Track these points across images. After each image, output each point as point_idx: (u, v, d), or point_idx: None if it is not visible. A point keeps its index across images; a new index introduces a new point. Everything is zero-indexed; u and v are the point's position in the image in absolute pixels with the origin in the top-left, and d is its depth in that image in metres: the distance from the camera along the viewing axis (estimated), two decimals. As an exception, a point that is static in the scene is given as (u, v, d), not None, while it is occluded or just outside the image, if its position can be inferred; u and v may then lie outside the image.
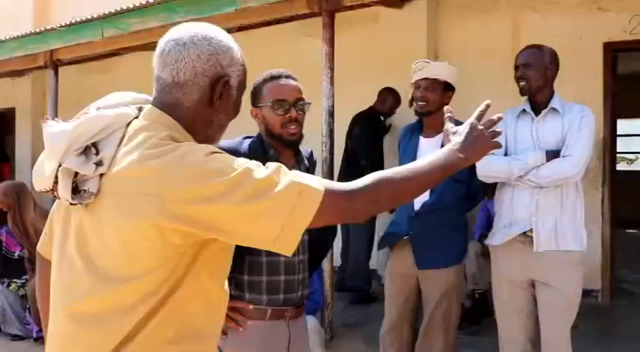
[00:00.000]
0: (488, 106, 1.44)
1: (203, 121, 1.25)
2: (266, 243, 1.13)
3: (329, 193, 1.14)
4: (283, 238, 1.12)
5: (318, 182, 1.15)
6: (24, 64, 6.45)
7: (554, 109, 2.68)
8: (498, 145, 1.40)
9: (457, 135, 1.37)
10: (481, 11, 5.35)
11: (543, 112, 2.71)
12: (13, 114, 9.23)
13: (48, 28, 5.39)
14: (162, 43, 1.24)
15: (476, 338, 4.09)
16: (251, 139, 2.09)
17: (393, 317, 3.12)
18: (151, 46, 5.12)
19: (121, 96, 1.30)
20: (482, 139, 1.36)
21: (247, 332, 1.99)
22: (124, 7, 4.62)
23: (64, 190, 1.14)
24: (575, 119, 2.65)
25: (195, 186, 1.08)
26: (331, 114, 4.01)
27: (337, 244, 4.87)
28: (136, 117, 1.22)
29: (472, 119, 1.38)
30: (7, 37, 6.07)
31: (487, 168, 2.72)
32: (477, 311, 4.23)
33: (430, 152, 2.99)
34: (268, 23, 6.03)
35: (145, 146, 1.13)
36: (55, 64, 5.71)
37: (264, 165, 1.20)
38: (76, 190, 1.14)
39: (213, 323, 1.28)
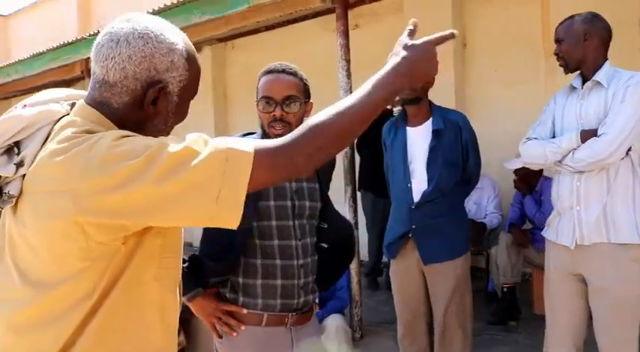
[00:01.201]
0: (414, 24, 1.25)
1: (133, 124, 1.12)
2: (205, 220, 1.03)
3: (260, 152, 1.03)
4: (222, 210, 1.01)
5: (246, 144, 1.03)
6: (62, 74, 6.59)
7: (597, 82, 2.33)
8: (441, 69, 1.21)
9: (402, 51, 1.18)
10: (508, -6, 5.10)
11: (586, 86, 2.37)
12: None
13: (79, 37, 5.47)
14: (101, 34, 1.13)
15: (510, 335, 3.88)
16: (250, 137, 1.95)
17: (406, 320, 3.01)
18: None
19: (55, 92, 1.21)
20: (427, 58, 1.17)
21: (242, 338, 1.88)
22: (145, 12, 4.63)
23: None
24: (620, 90, 2.27)
25: (104, 174, 0.98)
26: (350, 107, 3.89)
27: (364, 238, 4.76)
28: (67, 114, 1.13)
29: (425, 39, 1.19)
30: (45, 50, 6.22)
31: (525, 154, 2.52)
32: (507, 307, 4.00)
33: (420, 141, 2.92)
34: (303, 18, 5.96)
35: (56, 141, 1.04)
36: (90, 72, 5.79)
37: None
38: (1, 195, 1.07)
39: (168, 334, 1.19)
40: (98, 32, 4.19)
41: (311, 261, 1.96)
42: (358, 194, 4.35)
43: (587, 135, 2.29)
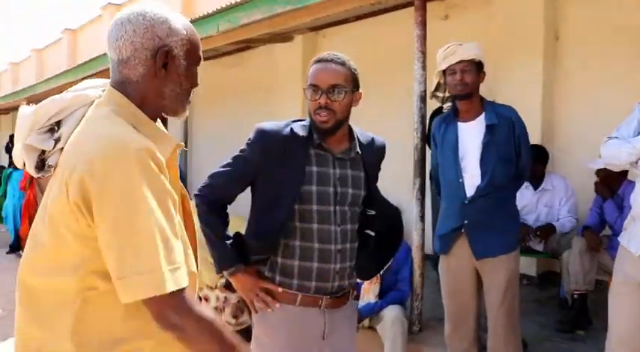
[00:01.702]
0: None
1: (154, 93, 1.30)
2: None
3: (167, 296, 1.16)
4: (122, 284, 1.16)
5: (176, 280, 1.17)
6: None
7: None
8: None
9: None
10: (607, -16, 4.76)
11: None
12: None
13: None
14: (109, 27, 1.31)
15: (575, 344, 3.70)
16: (299, 123, 2.03)
17: (455, 317, 3.00)
18: (278, 39, 5.34)
19: (93, 81, 1.39)
20: None
21: (276, 315, 1.99)
22: (233, 2, 4.82)
23: (29, 165, 1.26)
24: None
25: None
26: (423, 99, 3.85)
27: (430, 231, 4.68)
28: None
29: None
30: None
31: (603, 153, 2.46)
32: (578, 315, 3.81)
33: (472, 136, 2.86)
34: (394, 8, 5.93)
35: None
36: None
37: (307, 149, 1.57)
38: (43, 166, 1.26)
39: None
40: (190, 20, 4.44)
41: (350, 248, 2.01)
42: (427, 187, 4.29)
43: None
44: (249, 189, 2.04)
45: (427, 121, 4.66)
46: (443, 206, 3.04)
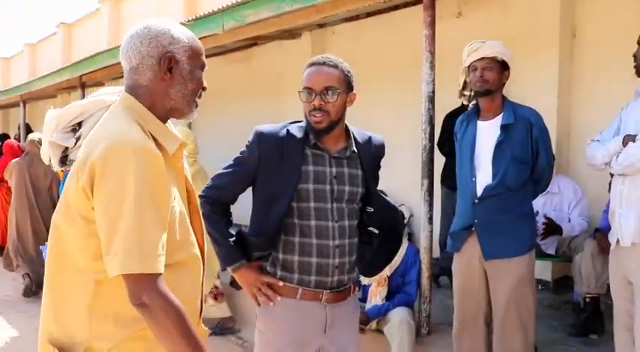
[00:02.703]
0: None
1: (161, 95, 1.60)
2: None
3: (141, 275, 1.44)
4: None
5: (151, 263, 1.44)
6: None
7: None
8: None
9: None
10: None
11: None
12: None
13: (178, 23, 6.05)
14: (122, 41, 1.64)
15: (587, 349, 3.91)
16: (296, 124, 2.29)
17: (464, 316, 3.17)
18: (285, 36, 5.59)
19: (110, 89, 1.71)
20: None
21: (278, 308, 2.23)
22: (239, 0, 5.07)
23: (53, 159, 1.58)
24: None
25: None
26: (431, 100, 4.07)
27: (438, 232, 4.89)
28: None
29: None
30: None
31: (587, 155, 2.75)
32: (590, 319, 4.01)
33: (489, 135, 3.06)
34: (405, 5, 6.16)
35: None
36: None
37: (303, 149, 1.94)
38: (65, 161, 1.57)
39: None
40: (195, 18, 4.69)
41: (348, 243, 2.23)
42: (437, 189, 4.51)
43: (629, 139, 2.48)
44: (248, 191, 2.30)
45: (441, 121, 4.87)
46: (457, 204, 3.26)
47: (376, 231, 2.36)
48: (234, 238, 2.27)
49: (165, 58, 1.58)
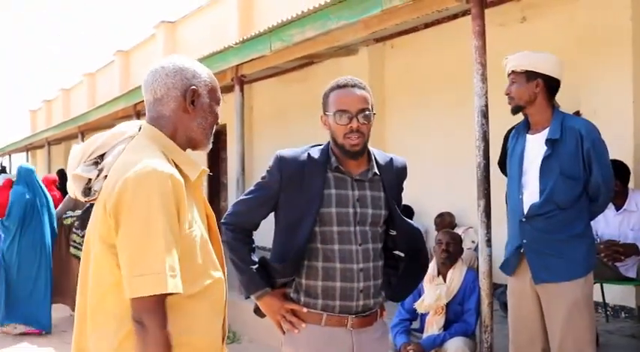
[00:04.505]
0: None
1: (183, 126, 1.87)
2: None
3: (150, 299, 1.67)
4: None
5: (164, 283, 1.66)
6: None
7: None
8: None
9: None
10: None
11: None
12: (225, 131, 10.85)
13: (226, 46, 6.46)
14: (144, 76, 1.91)
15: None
16: (317, 147, 2.47)
17: (519, 343, 3.22)
18: (342, 53, 5.93)
19: (130, 122, 1.96)
20: None
21: (303, 335, 2.38)
22: (284, 20, 5.41)
23: (77, 190, 1.83)
24: None
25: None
26: (484, 114, 4.17)
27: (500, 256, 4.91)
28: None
29: None
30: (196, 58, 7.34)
31: None
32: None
33: (536, 149, 3.13)
34: (464, 14, 6.31)
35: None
36: (240, 79, 6.78)
37: (324, 173, 2.17)
38: (89, 192, 1.82)
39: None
40: (244, 40, 5.08)
41: (373, 266, 2.39)
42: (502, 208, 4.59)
43: None
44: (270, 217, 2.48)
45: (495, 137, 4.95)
46: (507, 224, 3.33)
47: (402, 254, 2.51)
48: (256, 265, 2.45)
49: (190, 90, 1.83)
